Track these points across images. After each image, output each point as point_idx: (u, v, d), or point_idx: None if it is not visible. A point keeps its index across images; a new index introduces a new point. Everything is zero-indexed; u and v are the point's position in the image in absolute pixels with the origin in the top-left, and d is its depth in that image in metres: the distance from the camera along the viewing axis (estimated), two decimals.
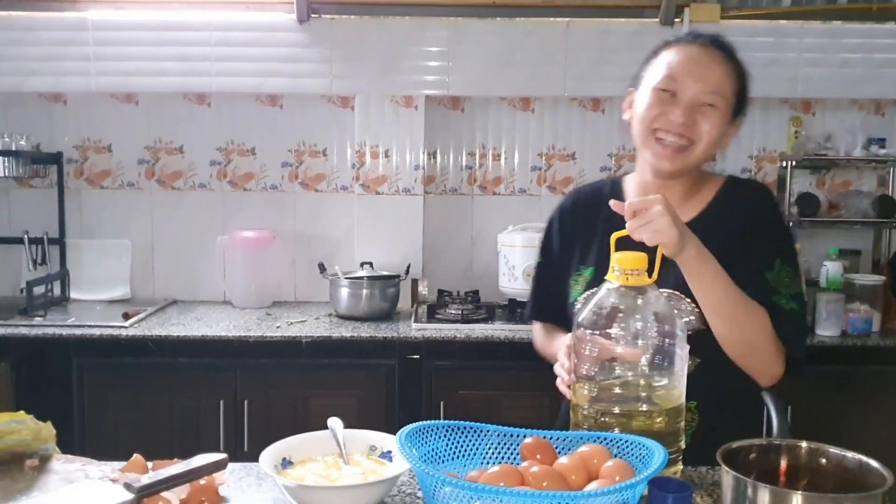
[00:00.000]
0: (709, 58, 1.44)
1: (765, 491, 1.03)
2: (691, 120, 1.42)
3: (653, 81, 1.45)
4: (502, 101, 3.37)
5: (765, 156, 3.39)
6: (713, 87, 1.43)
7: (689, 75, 1.42)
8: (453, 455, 1.26)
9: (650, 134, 1.45)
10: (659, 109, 1.43)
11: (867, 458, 1.10)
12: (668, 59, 1.45)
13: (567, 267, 1.61)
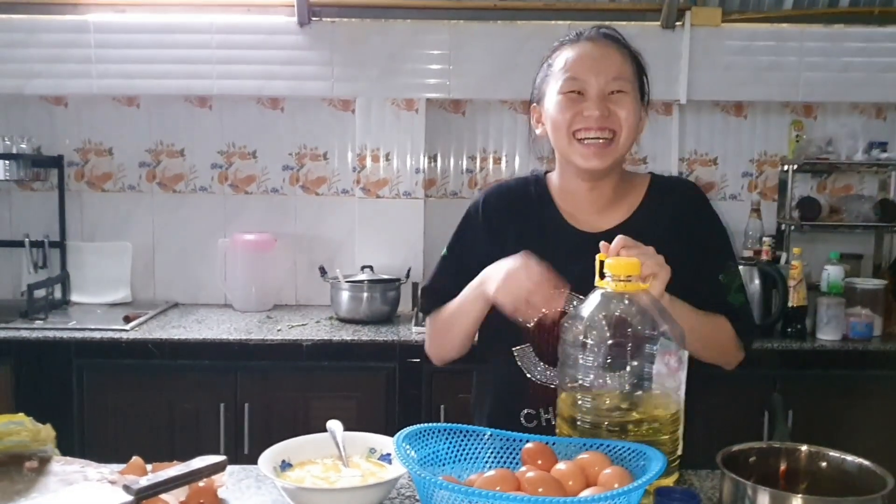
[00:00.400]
0: (601, 48, 1.44)
1: (764, 494, 1.03)
2: (606, 111, 1.41)
3: (557, 87, 1.44)
4: (503, 105, 3.37)
5: (766, 160, 3.39)
6: (615, 73, 1.42)
7: (589, 70, 1.42)
8: (454, 458, 1.26)
9: (571, 137, 1.43)
10: (572, 111, 1.42)
11: (867, 462, 1.10)
12: (565, 62, 1.44)
13: (486, 262, 1.46)
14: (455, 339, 1.56)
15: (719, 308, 1.46)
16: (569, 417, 1.28)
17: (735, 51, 3.21)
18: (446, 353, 1.62)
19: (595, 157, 1.42)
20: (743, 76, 3.22)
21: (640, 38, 3.13)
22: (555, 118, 1.44)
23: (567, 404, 1.28)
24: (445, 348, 1.61)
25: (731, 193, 3.40)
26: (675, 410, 1.24)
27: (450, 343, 1.58)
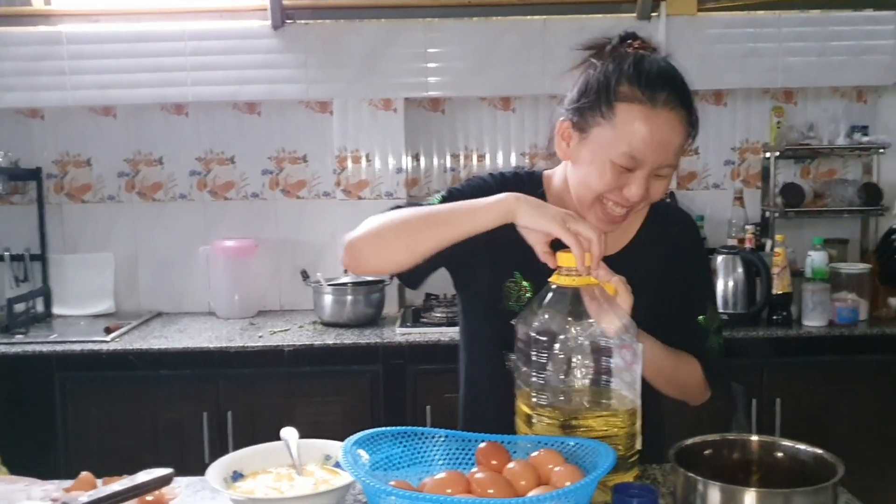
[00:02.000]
0: (673, 123, 1.25)
1: (715, 488, 1.01)
2: (647, 192, 1.29)
3: (612, 153, 1.26)
4: (482, 102, 3.35)
5: (748, 147, 3.36)
6: (673, 158, 1.28)
7: (653, 150, 1.25)
8: (409, 462, 1.24)
9: (597, 200, 1.31)
10: (615, 183, 1.28)
11: (821, 451, 1.07)
12: (631, 132, 1.24)
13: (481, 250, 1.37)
14: (414, 246, 1.30)
15: (695, 350, 1.44)
16: (525, 416, 1.26)
17: (712, 39, 3.19)
18: (382, 258, 1.37)
19: (610, 224, 1.33)
20: (721, 64, 3.19)
21: (616, 31, 3.15)
22: (593, 179, 1.29)
23: (523, 402, 1.26)
24: (388, 250, 1.35)
25: (713, 182, 3.38)
26: (631, 404, 1.22)
27: (401, 247, 1.32)
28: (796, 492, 0.99)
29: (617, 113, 1.25)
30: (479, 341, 1.53)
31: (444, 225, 1.27)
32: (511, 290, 1.43)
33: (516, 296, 1.42)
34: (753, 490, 1.00)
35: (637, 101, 1.24)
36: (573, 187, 1.35)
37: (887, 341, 2.79)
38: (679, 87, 1.27)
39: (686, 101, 1.27)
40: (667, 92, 1.24)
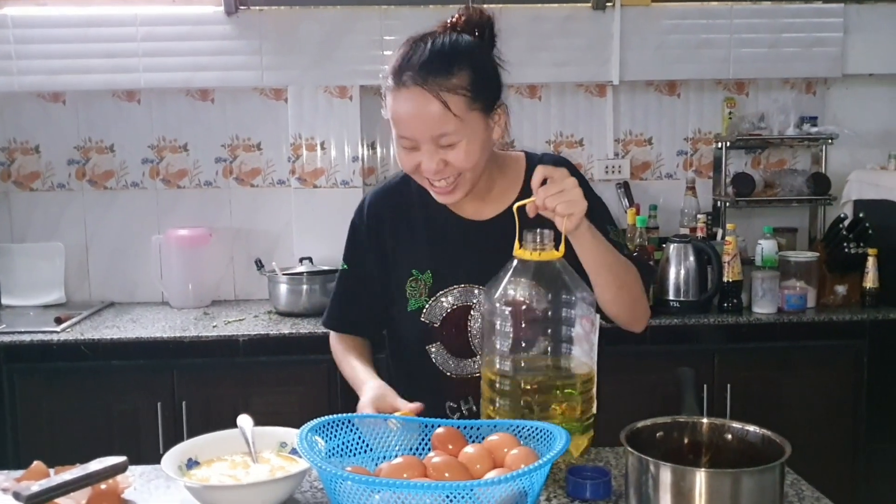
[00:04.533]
0: (418, 96, 1.33)
1: (666, 469, 1.03)
2: (442, 161, 1.36)
3: (394, 135, 1.40)
4: None
5: (700, 137, 3.41)
6: (436, 126, 1.33)
7: (412, 125, 1.34)
8: (365, 448, 1.24)
9: (421, 179, 1.42)
10: (411, 161, 1.38)
11: (769, 432, 1.10)
12: (393, 113, 1.37)
13: (380, 274, 1.53)
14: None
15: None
16: (489, 381, 1.29)
17: (666, 30, 3.23)
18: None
19: (446, 196, 1.42)
20: (675, 55, 3.23)
21: (572, 21, 3.20)
22: (398, 156, 1.41)
23: (487, 369, 1.29)
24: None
25: (666, 172, 3.42)
26: (588, 370, 1.27)
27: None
28: (744, 472, 1.02)
29: (387, 100, 1.39)
30: (400, 342, 1.58)
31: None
32: (413, 287, 1.50)
33: (419, 292, 1.50)
34: (703, 470, 1.02)
35: (392, 87, 1.36)
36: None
37: (834, 327, 2.87)
38: (424, 63, 1.34)
39: (433, 72, 1.33)
40: (410, 72, 1.34)
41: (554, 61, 3.21)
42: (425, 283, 1.49)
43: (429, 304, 1.48)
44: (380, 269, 1.53)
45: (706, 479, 1.00)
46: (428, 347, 1.50)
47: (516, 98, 3.35)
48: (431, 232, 1.50)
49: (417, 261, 1.49)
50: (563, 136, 3.38)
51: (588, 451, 1.35)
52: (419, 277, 1.49)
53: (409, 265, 1.50)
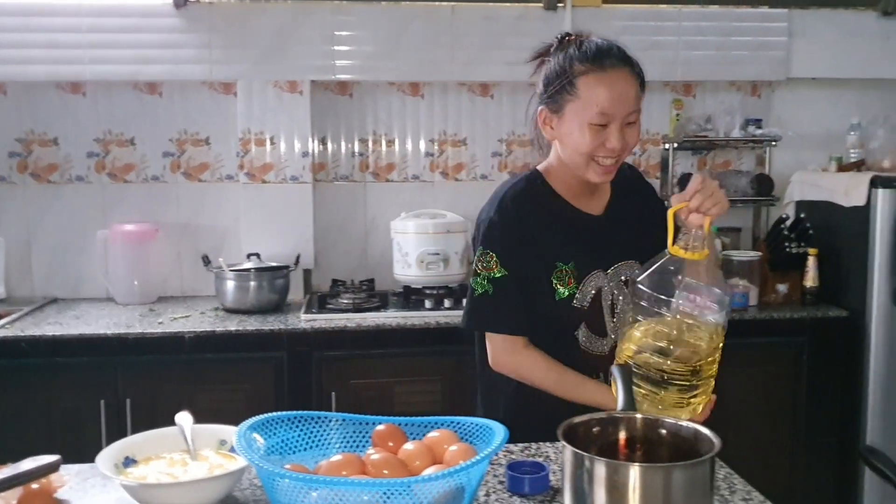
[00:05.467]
0: (624, 79, 1.55)
1: (601, 464, 1.04)
2: (624, 140, 1.56)
3: (585, 117, 1.54)
4: (391, 87, 3.34)
5: (648, 138, 3.46)
6: (634, 105, 1.56)
7: (616, 105, 1.53)
8: (306, 445, 1.24)
9: (590, 159, 1.58)
10: (595, 140, 1.55)
11: (700, 427, 1.12)
12: (594, 95, 1.53)
13: (530, 272, 1.64)
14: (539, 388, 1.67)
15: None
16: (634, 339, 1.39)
17: (617, 31, 3.21)
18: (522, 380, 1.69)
19: (606, 175, 1.61)
20: None
21: (524, 20, 3.22)
22: (579, 143, 1.56)
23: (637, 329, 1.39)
24: (524, 380, 1.68)
25: None
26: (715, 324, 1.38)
27: (531, 383, 1.68)
28: (676, 466, 1.04)
29: (579, 86, 1.55)
30: (544, 329, 1.66)
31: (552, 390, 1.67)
32: (559, 278, 1.63)
33: (566, 281, 1.63)
34: (635, 465, 1.04)
35: (590, 71, 1.55)
36: (568, 159, 1.62)
37: (775, 325, 2.94)
38: (617, 50, 1.58)
39: (626, 59, 1.58)
40: (609, 56, 1.56)
41: (506, 60, 3.21)
42: (570, 272, 1.64)
43: (579, 289, 1.63)
44: (526, 267, 1.64)
45: (639, 473, 1.02)
46: (577, 332, 1.65)
47: (468, 96, 3.37)
48: (566, 225, 1.67)
49: (560, 253, 1.64)
50: (515, 135, 3.40)
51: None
52: (563, 268, 1.63)
53: (553, 258, 1.64)
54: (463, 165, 3.39)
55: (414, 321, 2.81)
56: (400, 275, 3.10)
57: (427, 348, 2.82)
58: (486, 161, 3.39)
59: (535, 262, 1.63)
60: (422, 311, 2.88)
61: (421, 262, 3.02)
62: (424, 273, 3.02)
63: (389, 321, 2.81)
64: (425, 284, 3.05)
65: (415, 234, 3.04)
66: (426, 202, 3.33)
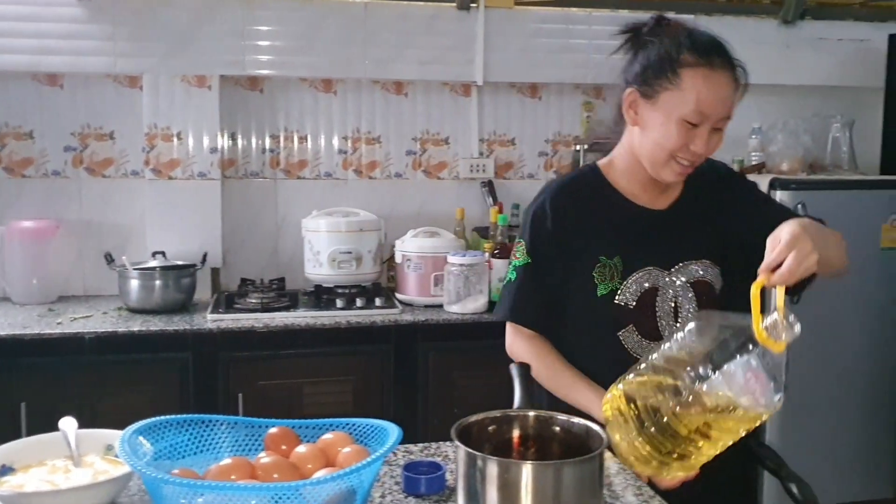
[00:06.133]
0: (728, 82, 1.48)
1: (492, 463, 1.05)
2: (709, 146, 1.50)
3: (680, 111, 1.46)
4: (303, 83, 3.30)
5: (560, 140, 3.51)
6: (730, 110, 1.50)
7: (715, 107, 1.47)
8: (196, 450, 1.21)
9: (670, 157, 1.51)
10: (681, 139, 1.48)
11: (591, 423, 1.14)
12: (696, 91, 1.45)
13: (561, 266, 1.59)
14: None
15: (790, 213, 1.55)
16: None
17: (529, 33, 3.30)
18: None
19: (680, 176, 1.54)
20: (537, 58, 3.31)
21: (437, 20, 3.22)
22: (664, 137, 1.49)
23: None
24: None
25: (528, 173, 3.50)
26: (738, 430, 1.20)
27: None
28: (566, 462, 1.05)
29: (683, 78, 1.46)
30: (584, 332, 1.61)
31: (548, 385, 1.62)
32: (601, 273, 1.56)
33: (609, 276, 1.56)
34: (527, 463, 1.05)
35: (699, 65, 1.46)
36: (646, 150, 1.54)
37: None
38: (727, 52, 1.50)
39: (733, 63, 1.50)
40: (720, 56, 1.48)
41: (420, 59, 3.22)
42: (615, 267, 1.56)
43: (623, 286, 1.55)
44: (562, 260, 1.59)
45: (530, 471, 1.03)
46: (620, 333, 1.56)
47: (382, 94, 3.35)
48: (616, 220, 1.60)
49: (605, 247, 1.57)
50: (429, 134, 3.40)
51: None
52: (607, 263, 1.56)
53: (596, 252, 1.57)
54: (377, 163, 3.37)
55: (324, 321, 2.78)
56: (311, 274, 3.06)
57: (338, 348, 2.80)
58: (400, 159, 3.38)
59: (575, 255, 1.58)
60: (333, 310, 2.85)
61: (332, 260, 2.99)
62: (336, 272, 2.99)
63: (299, 321, 2.77)
64: (337, 283, 3.02)
65: (326, 232, 3.01)
66: (339, 200, 3.30)
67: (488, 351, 2.81)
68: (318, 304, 2.96)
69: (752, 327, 1.13)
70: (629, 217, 1.60)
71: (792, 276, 1.19)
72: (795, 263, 1.19)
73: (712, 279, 1.58)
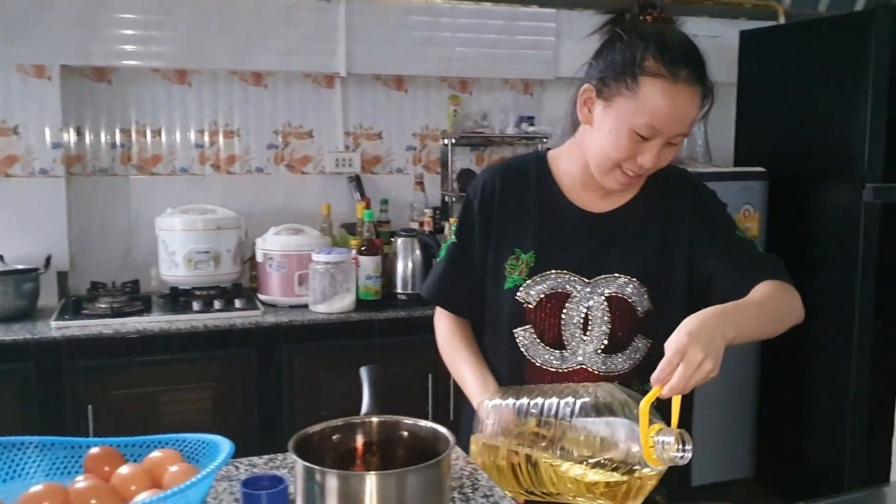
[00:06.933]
0: (690, 100, 1.33)
1: (332, 476, 0.99)
2: (659, 159, 1.36)
3: (632, 121, 1.32)
4: (155, 74, 3.11)
5: (427, 134, 3.47)
6: (687, 129, 1.35)
7: (670, 124, 1.32)
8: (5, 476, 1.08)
9: (615, 166, 1.38)
10: (629, 150, 1.35)
11: (437, 426, 1.09)
12: (653, 105, 1.30)
13: (486, 251, 1.52)
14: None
15: (754, 261, 1.44)
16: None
17: (392, 25, 3.24)
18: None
19: (624, 187, 1.42)
20: (401, 50, 3.26)
21: (297, 9, 3.11)
22: (611, 145, 1.36)
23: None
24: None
25: (396, 167, 3.45)
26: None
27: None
28: (408, 471, 1.00)
29: (641, 86, 1.31)
30: (488, 323, 1.54)
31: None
32: (512, 265, 1.47)
33: (518, 270, 1.47)
34: (369, 474, 1.00)
35: (661, 76, 1.30)
36: (593, 153, 1.41)
37: None
38: (698, 63, 1.34)
39: (703, 77, 1.34)
40: (688, 68, 1.31)
41: (279, 49, 3.11)
42: (527, 262, 1.47)
43: (526, 283, 1.45)
44: (484, 244, 1.52)
45: (370, 482, 0.98)
46: (516, 330, 1.46)
47: (241, 85, 3.21)
48: (543, 214, 1.48)
49: (523, 240, 1.48)
50: (291, 127, 3.29)
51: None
52: (521, 256, 1.47)
53: (513, 243, 1.48)
54: (236, 158, 3.23)
55: (180, 325, 2.63)
56: (167, 275, 2.90)
57: (196, 353, 2.67)
58: (261, 153, 3.25)
59: (495, 242, 1.50)
60: (189, 313, 2.71)
61: (189, 261, 2.84)
62: (193, 273, 2.85)
63: (153, 326, 2.62)
64: (194, 285, 2.88)
65: (182, 231, 2.86)
66: (196, 197, 3.14)
67: (357, 351, 2.79)
68: (173, 308, 2.81)
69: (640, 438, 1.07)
70: (559, 215, 1.49)
71: (685, 389, 1.11)
72: (684, 379, 1.11)
73: (635, 300, 1.41)
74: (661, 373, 1.12)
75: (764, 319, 1.31)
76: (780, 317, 1.35)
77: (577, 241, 1.46)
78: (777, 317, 1.34)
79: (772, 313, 1.33)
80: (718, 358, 1.13)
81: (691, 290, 1.45)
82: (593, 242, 1.45)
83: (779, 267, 1.42)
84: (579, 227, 1.47)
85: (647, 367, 1.38)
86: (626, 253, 1.44)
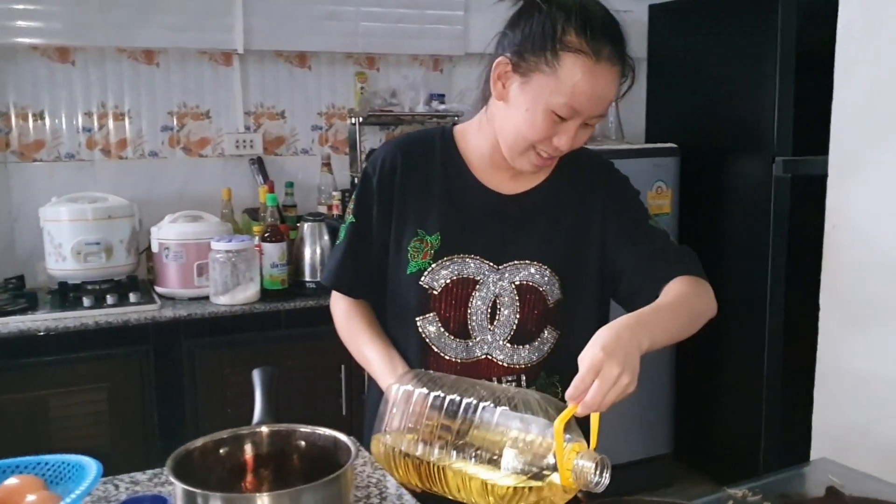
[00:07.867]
0: (612, 77, 1.25)
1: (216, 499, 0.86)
2: (575, 140, 1.28)
3: (550, 101, 1.23)
4: (34, 52, 2.87)
5: (334, 112, 3.32)
6: (606, 109, 1.28)
7: (590, 105, 1.24)
8: None
9: (530, 148, 1.29)
10: (546, 131, 1.26)
11: (338, 434, 0.98)
12: (573, 84, 1.21)
13: (387, 231, 1.41)
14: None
15: (667, 255, 1.36)
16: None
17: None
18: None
19: (538, 168, 1.35)
20: (302, 25, 3.11)
21: None
22: (526, 125, 1.26)
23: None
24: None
25: (302, 148, 3.29)
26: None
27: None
28: (305, 489, 0.89)
29: (562, 63, 1.22)
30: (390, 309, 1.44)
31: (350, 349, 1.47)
32: (416, 248, 1.38)
33: (422, 254, 1.37)
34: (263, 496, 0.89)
35: (582, 52, 1.22)
36: (506, 132, 1.31)
37: None
38: (619, 40, 1.26)
39: (624, 54, 1.27)
40: (611, 46, 1.23)
41: (170, 25, 2.91)
42: (432, 245, 1.37)
43: (431, 268, 1.35)
44: (384, 224, 1.41)
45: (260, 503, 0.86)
46: (419, 319, 1.37)
47: (130, 64, 2.99)
48: (449, 194, 1.38)
49: (427, 221, 1.37)
50: (187, 107, 3.09)
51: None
52: (425, 238, 1.37)
53: (416, 224, 1.38)
54: (127, 142, 3.02)
55: (69, 323, 2.44)
56: (54, 270, 2.69)
57: (87, 353, 2.49)
58: (154, 136, 3.05)
59: (396, 222, 1.39)
60: (79, 310, 2.51)
61: (78, 253, 2.63)
62: (82, 266, 2.64)
63: (38, 324, 2.42)
64: (85, 279, 2.67)
65: (69, 221, 2.65)
66: (85, 184, 2.92)
67: (263, 344, 2.65)
68: (62, 304, 2.60)
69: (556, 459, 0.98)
70: (467, 195, 1.39)
71: (601, 407, 1.03)
72: (600, 395, 1.02)
73: (546, 288, 1.34)
74: (574, 390, 1.03)
75: (678, 323, 1.25)
76: (693, 317, 1.30)
77: (485, 224, 1.37)
78: (691, 318, 1.30)
79: (686, 315, 1.28)
80: (635, 371, 1.05)
81: (602, 281, 1.39)
82: (503, 226, 1.37)
83: (692, 261, 1.37)
84: (488, 209, 1.38)
85: (554, 359, 1.36)
86: (538, 239, 1.37)
